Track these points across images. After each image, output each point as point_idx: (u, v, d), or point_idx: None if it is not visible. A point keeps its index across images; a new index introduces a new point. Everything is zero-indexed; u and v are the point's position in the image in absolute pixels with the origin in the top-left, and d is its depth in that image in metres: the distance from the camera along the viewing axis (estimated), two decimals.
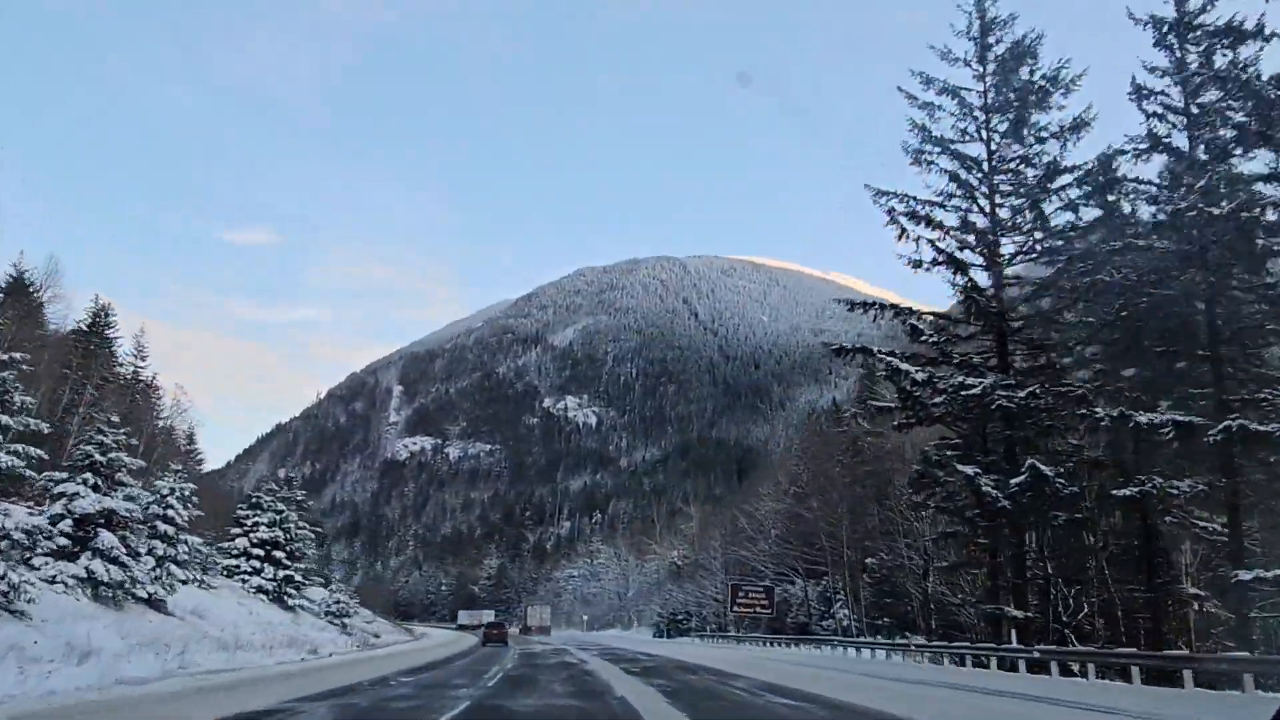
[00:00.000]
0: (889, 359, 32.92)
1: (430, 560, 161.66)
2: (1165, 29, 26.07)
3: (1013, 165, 32.54)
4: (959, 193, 32.95)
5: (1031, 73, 31.57)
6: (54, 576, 21.62)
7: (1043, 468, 27.61)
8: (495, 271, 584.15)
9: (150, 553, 27.47)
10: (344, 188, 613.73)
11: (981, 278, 32.71)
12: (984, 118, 32.73)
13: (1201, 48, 25.49)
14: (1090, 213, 29.80)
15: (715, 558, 66.82)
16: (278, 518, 46.47)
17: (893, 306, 34.24)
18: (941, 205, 32.91)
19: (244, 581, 42.87)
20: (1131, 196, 28.09)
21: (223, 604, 35.06)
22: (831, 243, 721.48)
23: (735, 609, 57.35)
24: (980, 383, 30.42)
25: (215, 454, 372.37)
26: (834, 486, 50.12)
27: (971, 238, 32.88)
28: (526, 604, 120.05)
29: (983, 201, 32.91)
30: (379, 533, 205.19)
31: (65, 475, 24.86)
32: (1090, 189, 29.41)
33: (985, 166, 32.70)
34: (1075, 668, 24.77)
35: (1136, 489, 24.88)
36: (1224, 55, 24.93)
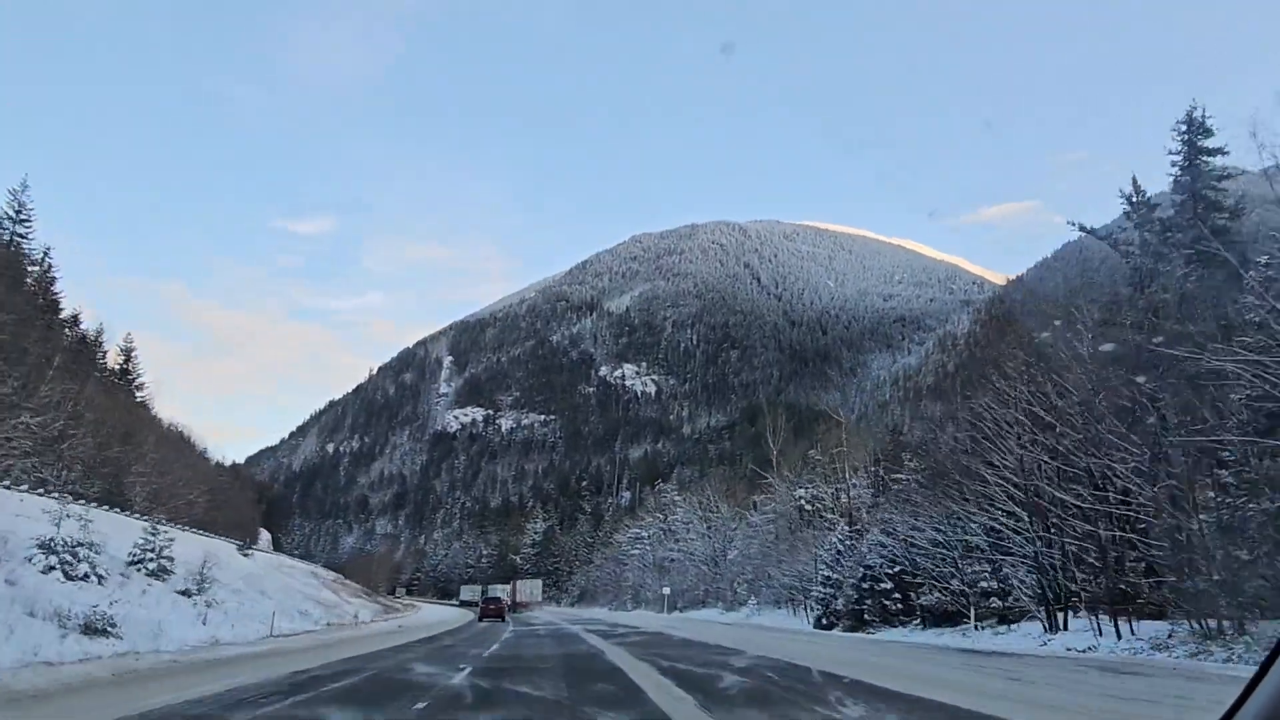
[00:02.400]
0: None
1: (472, 530, 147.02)
2: None
3: None
4: None
5: None
6: None
7: None
8: (549, 248, 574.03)
9: None
10: (397, 172, 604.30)
11: None
12: None
13: None
14: None
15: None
16: None
17: None
18: None
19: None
20: None
21: None
22: (895, 210, 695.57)
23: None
24: None
25: (274, 433, 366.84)
26: None
27: None
28: (516, 579, 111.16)
29: None
30: (425, 506, 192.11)
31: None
32: None
33: None
34: None
35: None
36: None
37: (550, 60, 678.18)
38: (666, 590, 74.13)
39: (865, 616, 37.33)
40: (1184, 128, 31.43)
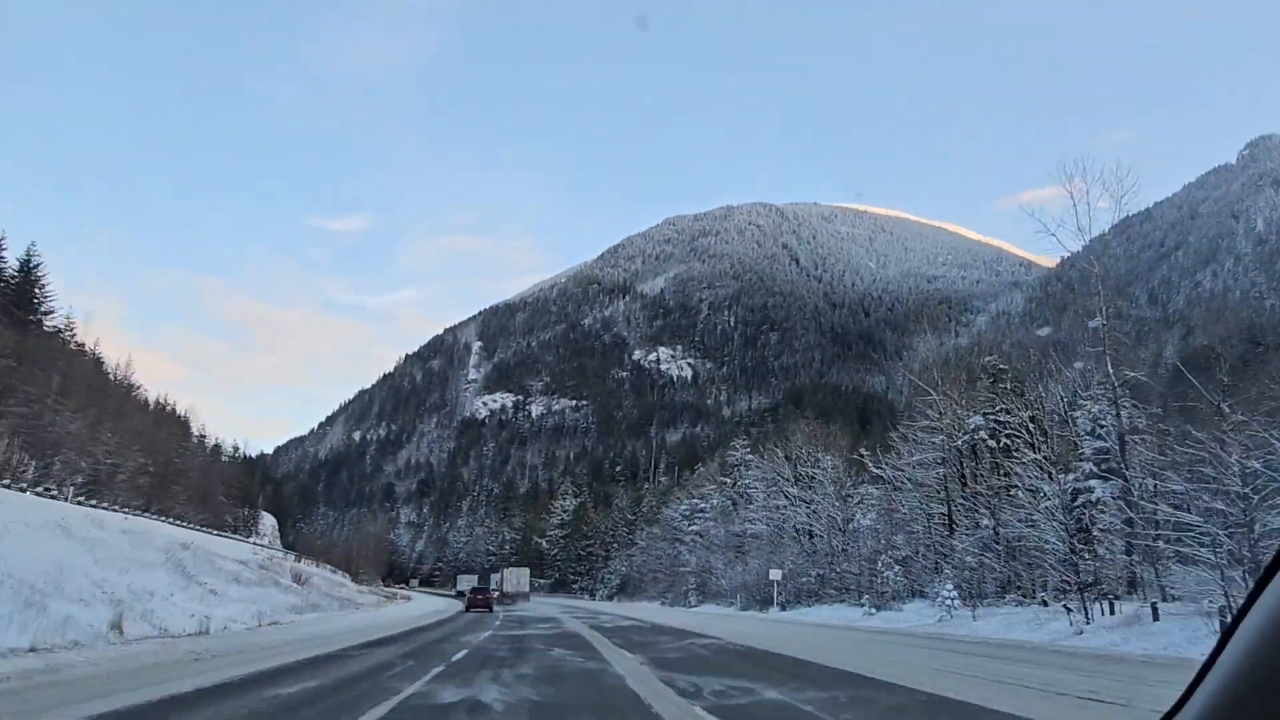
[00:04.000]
0: None
1: (495, 514, 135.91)
2: None
3: None
4: None
5: None
6: None
7: None
8: (584, 237, 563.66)
9: None
10: (432, 167, 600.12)
11: None
12: None
13: None
14: None
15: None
16: None
17: None
18: None
19: None
20: None
21: None
22: (935, 193, 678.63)
23: None
24: None
25: (306, 425, 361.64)
26: None
27: None
28: (503, 567, 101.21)
29: None
30: (451, 494, 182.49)
31: None
32: None
33: None
34: None
35: None
36: None
37: (582, 49, 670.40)
38: (777, 575, 49.13)
39: None
40: None
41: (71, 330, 57.99)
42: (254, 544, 48.22)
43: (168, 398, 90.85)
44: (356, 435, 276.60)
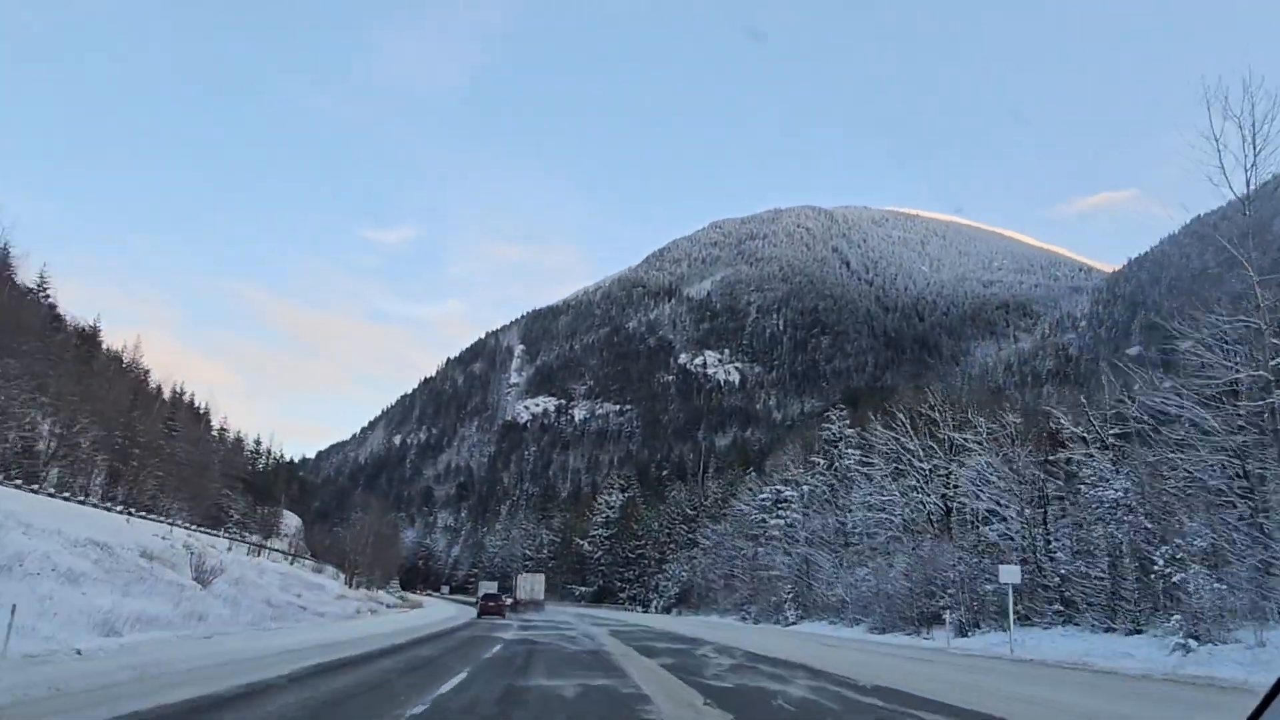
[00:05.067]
0: None
1: (533, 516, 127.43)
2: None
3: None
4: None
5: None
6: None
7: None
8: (627, 246, 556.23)
9: None
10: (477, 178, 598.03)
11: None
12: None
13: None
14: None
15: None
16: None
17: None
18: None
19: None
20: None
21: None
22: (988, 199, 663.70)
23: None
24: None
25: (348, 429, 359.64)
26: None
27: None
28: (518, 573, 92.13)
29: None
30: (490, 498, 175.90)
31: None
32: None
33: None
34: None
35: None
36: None
37: (625, 57, 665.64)
38: (1014, 577, 28.24)
39: None
40: None
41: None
42: (172, 526, 39.88)
43: (182, 385, 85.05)
44: (397, 439, 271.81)
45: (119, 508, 42.81)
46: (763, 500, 62.77)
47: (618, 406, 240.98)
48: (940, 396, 45.19)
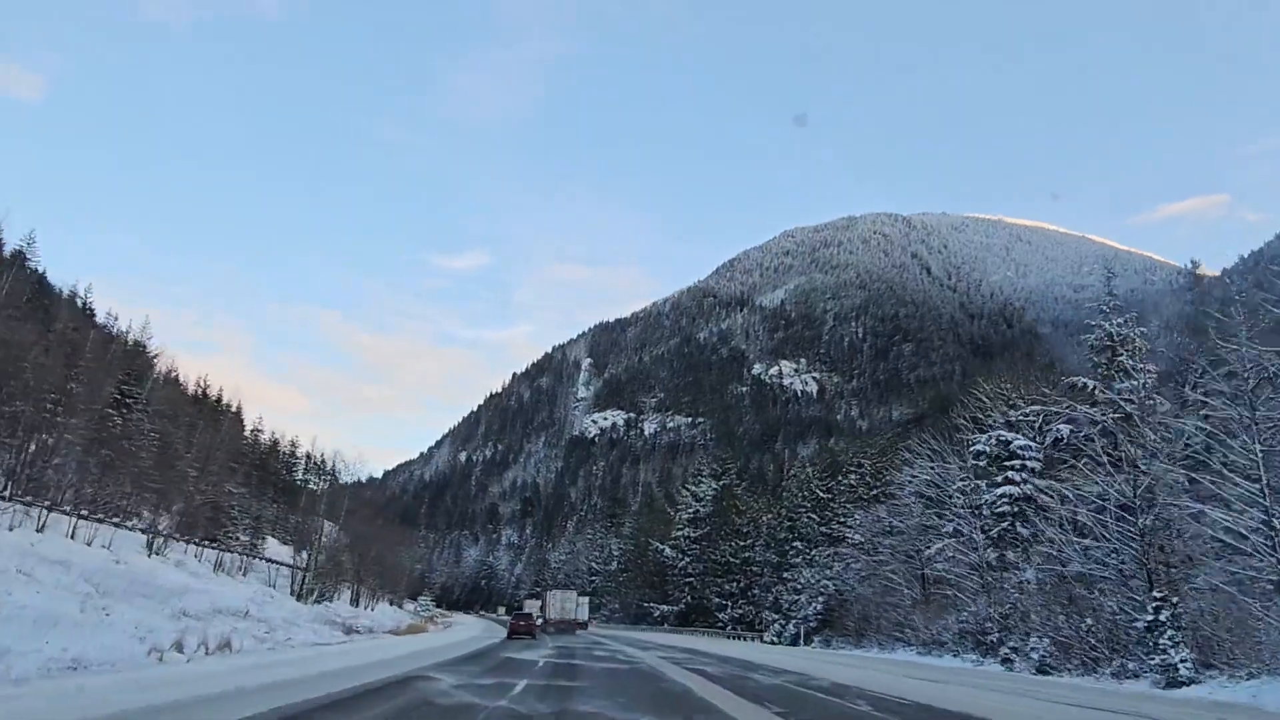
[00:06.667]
0: None
1: (599, 527, 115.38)
2: None
3: None
4: None
5: None
6: None
7: None
8: (690, 263, 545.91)
9: None
10: (543, 204, 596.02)
11: None
12: None
13: None
14: None
15: None
16: None
17: None
18: None
19: None
20: None
21: None
22: (1074, 202, 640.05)
23: None
24: None
25: (415, 449, 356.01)
26: None
27: None
28: (547, 590, 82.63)
29: None
30: (556, 514, 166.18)
31: None
32: None
33: None
34: None
35: None
36: None
37: (687, 75, 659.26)
38: None
39: None
40: None
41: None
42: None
43: (206, 379, 76.90)
44: (462, 456, 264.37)
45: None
46: (979, 451, 37.36)
47: (689, 419, 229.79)
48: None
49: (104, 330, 56.94)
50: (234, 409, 77.27)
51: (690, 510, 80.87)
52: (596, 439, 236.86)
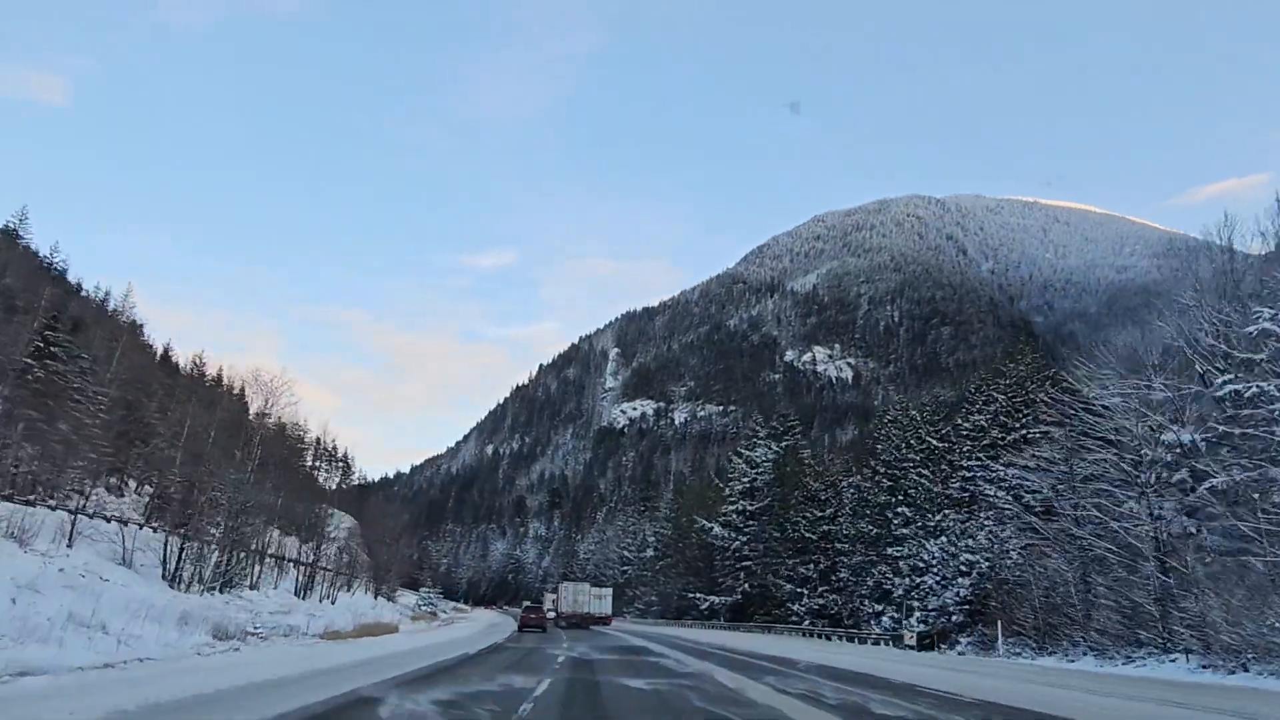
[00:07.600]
0: None
1: (632, 513, 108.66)
2: None
3: None
4: None
5: None
6: None
7: None
8: (718, 254, 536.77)
9: None
10: (568, 198, 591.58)
11: None
12: None
13: None
14: None
15: None
16: None
17: None
18: None
19: None
20: None
21: None
22: (1110, 186, 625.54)
23: None
24: None
25: (442, 444, 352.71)
26: None
27: None
28: (560, 582, 77.66)
29: None
30: (585, 506, 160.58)
31: None
32: None
33: None
34: None
35: None
36: None
37: (709, 65, 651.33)
38: None
39: None
40: None
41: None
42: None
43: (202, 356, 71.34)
44: (489, 449, 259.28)
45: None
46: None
47: (720, 407, 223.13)
48: None
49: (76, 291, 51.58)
50: (236, 390, 71.91)
51: (746, 480, 67.02)
52: (625, 429, 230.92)
